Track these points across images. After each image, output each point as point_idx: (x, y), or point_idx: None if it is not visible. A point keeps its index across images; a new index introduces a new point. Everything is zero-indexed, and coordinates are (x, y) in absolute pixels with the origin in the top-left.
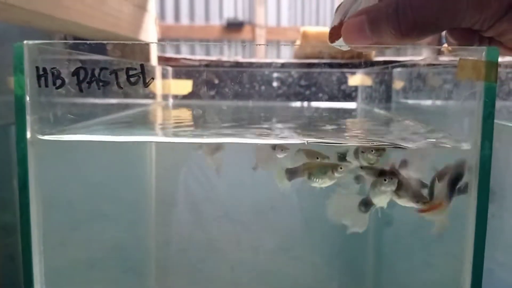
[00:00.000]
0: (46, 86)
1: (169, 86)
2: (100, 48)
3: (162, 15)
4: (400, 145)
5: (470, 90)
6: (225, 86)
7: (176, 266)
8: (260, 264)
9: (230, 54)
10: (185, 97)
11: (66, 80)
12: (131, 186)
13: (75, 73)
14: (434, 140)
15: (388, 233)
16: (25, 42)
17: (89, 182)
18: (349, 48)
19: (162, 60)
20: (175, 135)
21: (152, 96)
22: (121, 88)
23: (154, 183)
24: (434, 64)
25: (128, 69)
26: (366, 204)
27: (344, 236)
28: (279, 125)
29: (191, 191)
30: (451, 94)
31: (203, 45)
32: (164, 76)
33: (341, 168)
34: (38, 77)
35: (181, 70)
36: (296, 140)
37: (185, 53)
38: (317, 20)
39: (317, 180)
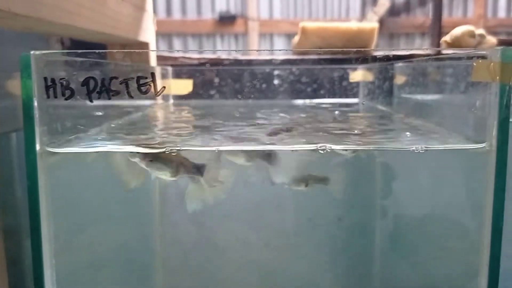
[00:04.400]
0: (55, 97)
1: (169, 86)
2: (100, 49)
3: (153, 9)
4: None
5: (480, 91)
6: (226, 85)
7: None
8: (267, 263)
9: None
10: (185, 97)
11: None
12: (140, 195)
13: (85, 83)
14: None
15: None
16: (32, 52)
17: (96, 190)
18: None
19: (161, 59)
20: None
21: (151, 97)
22: (132, 97)
23: (158, 188)
24: (437, 58)
25: (138, 78)
26: None
27: (349, 235)
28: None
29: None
30: (455, 90)
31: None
32: (164, 76)
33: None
34: (47, 88)
35: (181, 69)
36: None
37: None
38: (310, 12)
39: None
